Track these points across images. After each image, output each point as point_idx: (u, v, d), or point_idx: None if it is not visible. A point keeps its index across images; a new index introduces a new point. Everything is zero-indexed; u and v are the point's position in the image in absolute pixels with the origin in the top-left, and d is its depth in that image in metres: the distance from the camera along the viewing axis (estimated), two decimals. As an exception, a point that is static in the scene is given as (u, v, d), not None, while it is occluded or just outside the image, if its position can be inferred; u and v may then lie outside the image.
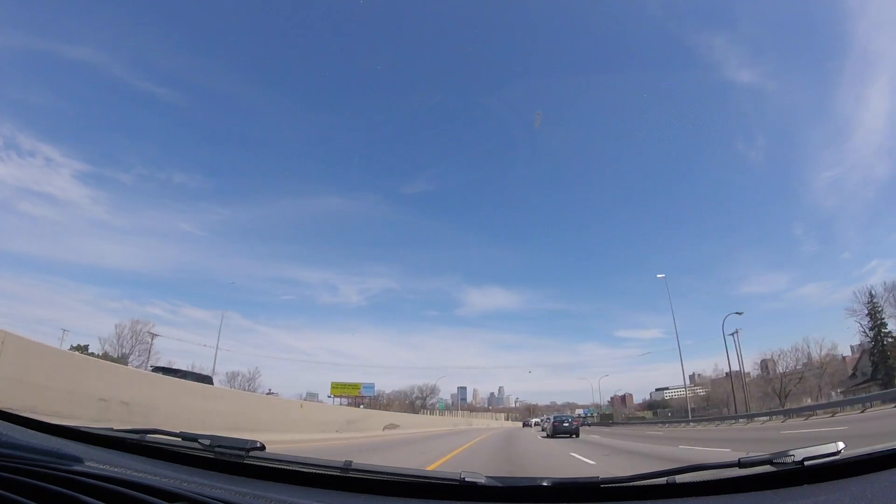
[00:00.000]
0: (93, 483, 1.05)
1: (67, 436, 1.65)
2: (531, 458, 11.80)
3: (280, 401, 21.35)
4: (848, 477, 1.17)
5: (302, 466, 1.51)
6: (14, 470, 1.06)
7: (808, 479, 1.19)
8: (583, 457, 11.46)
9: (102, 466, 1.26)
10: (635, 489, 1.32)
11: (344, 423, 18.43)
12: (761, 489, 1.21)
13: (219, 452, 1.57)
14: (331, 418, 18.20)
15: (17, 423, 1.62)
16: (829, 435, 13.40)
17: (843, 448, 1.23)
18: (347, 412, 24.74)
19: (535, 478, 1.37)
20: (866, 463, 1.20)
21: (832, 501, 1.03)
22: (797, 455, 1.21)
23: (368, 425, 21.02)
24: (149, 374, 13.84)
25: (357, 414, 23.35)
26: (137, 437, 1.68)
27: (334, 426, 17.16)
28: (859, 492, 1.04)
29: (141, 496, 1.01)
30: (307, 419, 15.49)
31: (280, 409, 15.32)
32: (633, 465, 9.54)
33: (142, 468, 1.36)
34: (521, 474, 7.69)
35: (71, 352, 17.45)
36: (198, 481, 1.28)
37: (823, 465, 1.21)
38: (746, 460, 1.28)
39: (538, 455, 12.78)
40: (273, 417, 13.48)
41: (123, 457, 1.54)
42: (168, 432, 1.75)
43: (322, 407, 25.12)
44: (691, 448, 13.81)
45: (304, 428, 14.30)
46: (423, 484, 1.43)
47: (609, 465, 9.71)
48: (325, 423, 16.83)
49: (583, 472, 8.10)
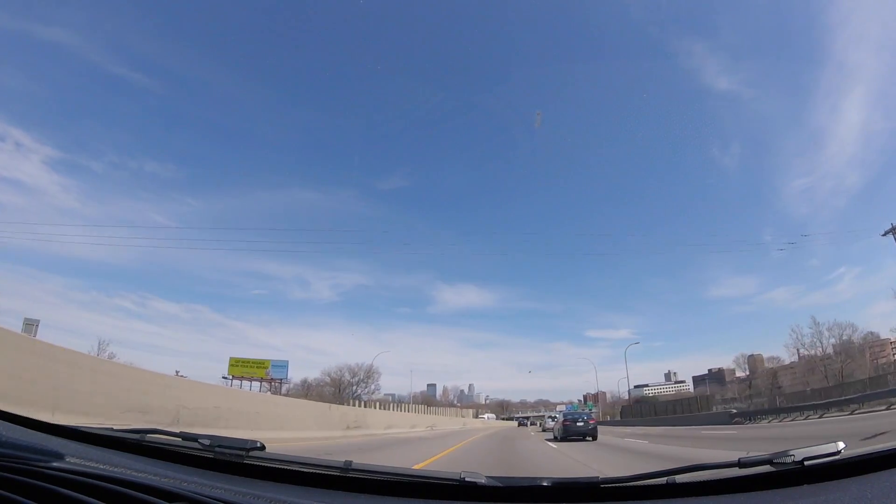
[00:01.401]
0: (93, 483, 1.04)
1: (67, 436, 1.65)
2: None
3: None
4: (848, 477, 1.17)
5: (302, 466, 1.51)
6: (14, 470, 1.06)
7: (808, 479, 1.19)
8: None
9: (102, 466, 1.26)
10: (635, 489, 1.32)
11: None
12: (761, 489, 1.21)
13: (219, 452, 1.57)
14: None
15: (17, 423, 1.62)
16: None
17: (843, 448, 1.23)
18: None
19: (535, 478, 1.37)
20: (866, 463, 1.20)
21: (832, 501, 1.03)
22: (797, 455, 1.22)
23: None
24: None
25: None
26: (137, 437, 1.68)
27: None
28: (859, 492, 1.04)
29: (141, 496, 1.01)
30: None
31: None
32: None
33: (142, 468, 1.36)
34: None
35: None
36: (198, 481, 1.28)
37: (823, 465, 1.21)
38: (746, 460, 1.28)
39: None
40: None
41: (123, 457, 1.54)
42: (168, 432, 1.75)
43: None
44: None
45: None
46: (422, 484, 1.44)
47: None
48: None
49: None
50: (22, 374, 6.64)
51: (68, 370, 7.47)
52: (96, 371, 8.39)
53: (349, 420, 19.16)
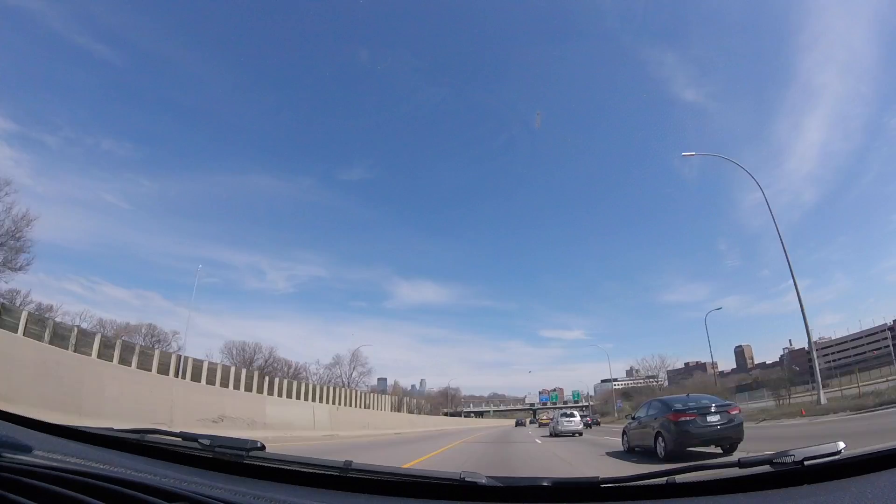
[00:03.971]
0: (93, 483, 1.04)
1: (67, 436, 1.65)
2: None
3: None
4: (848, 477, 1.17)
5: (302, 466, 1.51)
6: (14, 470, 1.06)
7: (809, 479, 1.19)
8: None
9: (102, 466, 1.26)
10: (635, 489, 1.32)
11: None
12: (761, 489, 1.21)
13: (219, 452, 1.57)
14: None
15: (17, 422, 1.62)
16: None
17: (843, 448, 1.23)
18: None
19: (535, 478, 1.37)
20: (866, 463, 1.20)
21: (832, 501, 1.03)
22: (797, 455, 1.21)
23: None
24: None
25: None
26: (137, 437, 1.68)
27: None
28: (859, 492, 1.04)
29: (141, 496, 1.01)
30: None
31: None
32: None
33: (142, 468, 1.36)
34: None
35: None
36: (198, 481, 1.28)
37: (823, 465, 1.21)
38: (746, 460, 1.28)
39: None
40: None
41: (123, 457, 1.54)
42: (168, 432, 1.75)
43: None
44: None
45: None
46: (422, 484, 1.44)
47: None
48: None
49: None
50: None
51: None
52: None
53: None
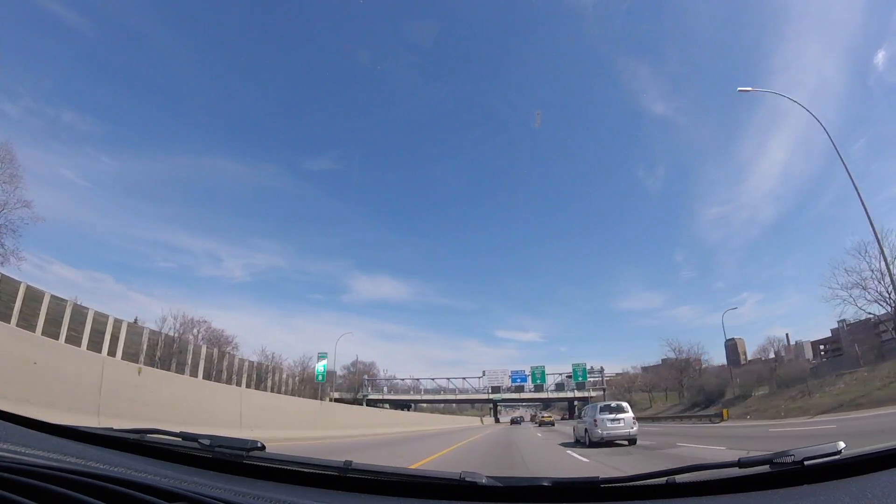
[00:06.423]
0: (93, 483, 1.04)
1: (67, 436, 1.65)
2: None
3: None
4: (848, 477, 1.17)
5: (302, 466, 1.51)
6: (14, 470, 1.05)
7: (808, 479, 1.19)
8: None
9: (102, 466, 1.26)
10: (635, 489, 1.32)
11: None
12: (761, 489, 1.21)
13: (219, 452, 1.57)
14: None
15: (17, 423, 1.62)
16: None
17: (843, 448, 1.23)
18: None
19: (535, 477, 1.37)
20: (866, 463, 1.20)
21: (832, 501, 1.03)
22: (797, 455, 1.21)
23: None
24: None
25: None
26: (137, 437, 1.68)
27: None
28: (859, 492, 1.04)
29: (141, 496, 1.00)
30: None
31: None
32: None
33: (142, 468, 1.36)
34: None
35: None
36: (198, 481, 1.28)
37: (823, 465, 1.21)
38: (746, 460, 1.28)
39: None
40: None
41: (123, 457, 1.54)
42: (168, 432, 1.75)
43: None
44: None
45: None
46: (422, 483, 1.44)
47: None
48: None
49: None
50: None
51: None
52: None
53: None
